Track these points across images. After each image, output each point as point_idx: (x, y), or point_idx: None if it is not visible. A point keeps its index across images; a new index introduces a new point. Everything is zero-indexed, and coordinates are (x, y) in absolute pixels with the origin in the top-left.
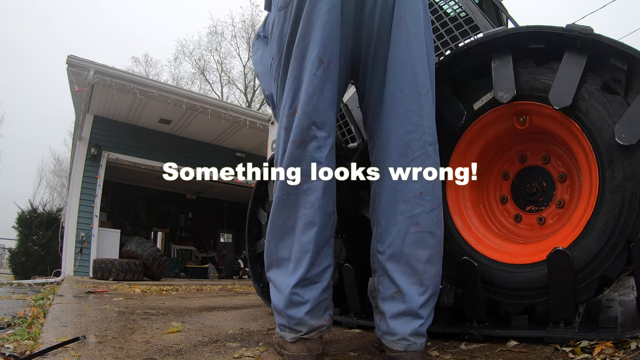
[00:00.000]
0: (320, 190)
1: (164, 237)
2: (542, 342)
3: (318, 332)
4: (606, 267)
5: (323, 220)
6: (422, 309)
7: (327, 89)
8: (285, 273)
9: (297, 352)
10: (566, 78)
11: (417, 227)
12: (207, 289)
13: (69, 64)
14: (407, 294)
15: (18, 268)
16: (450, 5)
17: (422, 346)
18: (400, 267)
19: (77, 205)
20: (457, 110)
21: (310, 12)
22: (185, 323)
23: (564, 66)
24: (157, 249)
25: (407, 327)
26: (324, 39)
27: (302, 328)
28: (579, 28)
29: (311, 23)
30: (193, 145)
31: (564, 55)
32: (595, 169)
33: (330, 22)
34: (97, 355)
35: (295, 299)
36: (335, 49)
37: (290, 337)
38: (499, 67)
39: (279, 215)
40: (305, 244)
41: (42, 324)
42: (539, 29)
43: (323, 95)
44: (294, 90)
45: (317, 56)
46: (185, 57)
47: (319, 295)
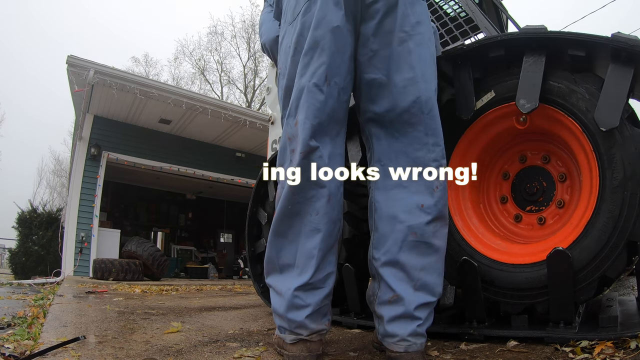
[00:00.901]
0: (325, 198)
1: (164, 237)
2: (542, 342)
3: (318, 335)
4: (606, 267)
5: (328, 227)
6: (419, 310)
7: (331, 102)
8: (287, 278)
9: (297, 352)
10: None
11: (415, 236)
12: (207, 289)
13: (69, 64)
14: (403, 298)
15: (18, 268)
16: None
17: (422, 346)
18: (395, 273)
19: (77, 205)
20: (466, 106)
21: (316, 29)
22: (185, 323)
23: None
24: (157, 249)
25: (406, 329)
26: (328, 56)
27: (303, 331)
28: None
29: (316, 40)
30: (193, 145)
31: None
32: (595, 169)
33: (334, 40)
34: (97, 355)
35: (297, 302)
36: (338, 65)
37: (290, 338)
38: (526, 73)
39: (283, 223)
40: (310, 250)
41: (42, 324)
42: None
43: (326, 109)
44: (296, 101)
45: (321, 72)
46: (185, 57)
47: (321, 301)
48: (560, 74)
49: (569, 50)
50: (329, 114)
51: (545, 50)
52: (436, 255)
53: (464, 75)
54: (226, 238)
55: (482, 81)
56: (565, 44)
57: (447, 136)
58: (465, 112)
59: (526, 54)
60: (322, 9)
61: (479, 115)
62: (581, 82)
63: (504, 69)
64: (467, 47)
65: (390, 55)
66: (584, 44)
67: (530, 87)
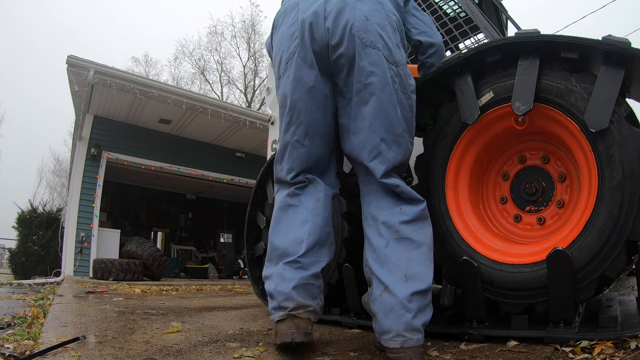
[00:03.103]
0: (314, 198)
1: (164, 237)
2: (542, 342)
3: (305, 311)
4: (606, 266)
5: (316, 221)
6: (410, 301)
7: (315, 150)
8: (278, 262)
9: (286, 329)
10: (602, 97)
11: (397, 234)
12: (207, 289)
13: (69, 64)
14: (393, 289)
15: (18, 268)
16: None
17: (419, 342)
18: (385, 267)
19: (77, 205)
20: (472, 107)
21: (293, 92)
22: (185, 323)
23: (600, 82)
24: (157, 249)
25: (399, 322)
26: (307, 115)
27: (289, 303)
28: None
29: (294, 102)
30: (193, 145)
31: (601, 69)
32: (594, 169)
33: (312, 99)
34: (97, 355)
35: (285, 274)
36: (318, 118)
37: (279, 315)
38: (520, 76)
39: (278, 219)
40: (299, 236)
41: (42, 324)
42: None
43: (310, 157)
44: (282, 150)
45: (301, 130)
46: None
47: (307, 278)
48: (558, 74)
49: (562, 52)
50: (315, 160)
51: (538, 53)
52: (421, 248)
53: (465, 83)
54: (226, 238)
55: (481, 82)
56: (558, 47)
57: (447, 136)
58: (470, 118)
59: (520, 57)
60: (298, 71)
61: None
62: (579, 82)
63: (502, 70)
64: (465, 55)
65: (352, 104)
66: (576, 47)
67: (525, 90)
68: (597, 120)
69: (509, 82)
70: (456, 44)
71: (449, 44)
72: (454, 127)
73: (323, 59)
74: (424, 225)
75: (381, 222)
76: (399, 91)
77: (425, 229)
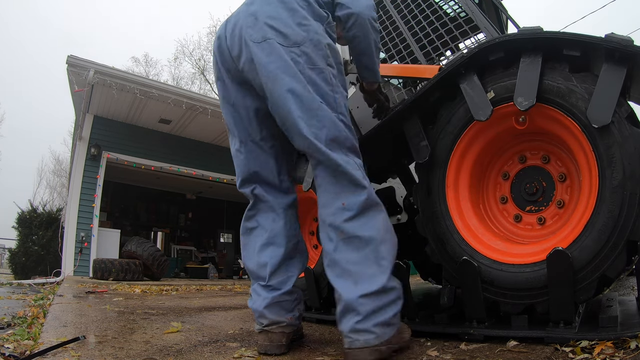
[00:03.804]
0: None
1: (164, 237)
2: (542, 342)
3: (278, 327)
4: (606, 266)
5: (277, 240)
6: (360, 304)
7: (253, 155)
8: (253, 280)
9: (262, 341)
10: (605, 93)
11: (342, 235)
12: (207, 289)
13: (69, 64)
14: (343, 294)
15: (18, 268)
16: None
17: (367, 343)
18: (335, 271)
19: (77, 205)
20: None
21: (223, 108)
22: (185, 323)
23: (603, 79)
24: (157, 249)
25: (347, 325)
26: (237, 128)
27: (263, 320)
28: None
29: (226, 119)
30: (193, 146)
31: (603, 67)
32: (595, 169)
33: (236, 112)
34: (97, 355)
35: (259, 291)
36: (246, 127)
37: (257, 328)
38: (523, 71)
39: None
40: (263, 260)
41: (42, 324)
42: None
43: (250, 164)
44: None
45: (236, 141)
46: (185, 57)
47: (279, 297)
48: (559, 74)
49: (564, 50)
50: (259, 165)
51: (541, 50)
52: (370, 245)
53: (471, 82)
54: (226, 238)
55: (482, 82)
56: (560, 44)
57: (447, 137)
58: (483, 114)
59: (523, 54)
60: (220, 92)
61: None
62: (580, 82)
63: (503, 70)
64: (468, 53)
65: (270, 101)
66: (578, 44)
67: (528, 85)
68: (600, 115)
69: (509, 82)
70: (456, 44)
71: (449, 44)
72: (455, 126)
73: (236, 74)
74: (370, 216)
75: (328, 225)
76: (306, 69)
77: (371, 220)
